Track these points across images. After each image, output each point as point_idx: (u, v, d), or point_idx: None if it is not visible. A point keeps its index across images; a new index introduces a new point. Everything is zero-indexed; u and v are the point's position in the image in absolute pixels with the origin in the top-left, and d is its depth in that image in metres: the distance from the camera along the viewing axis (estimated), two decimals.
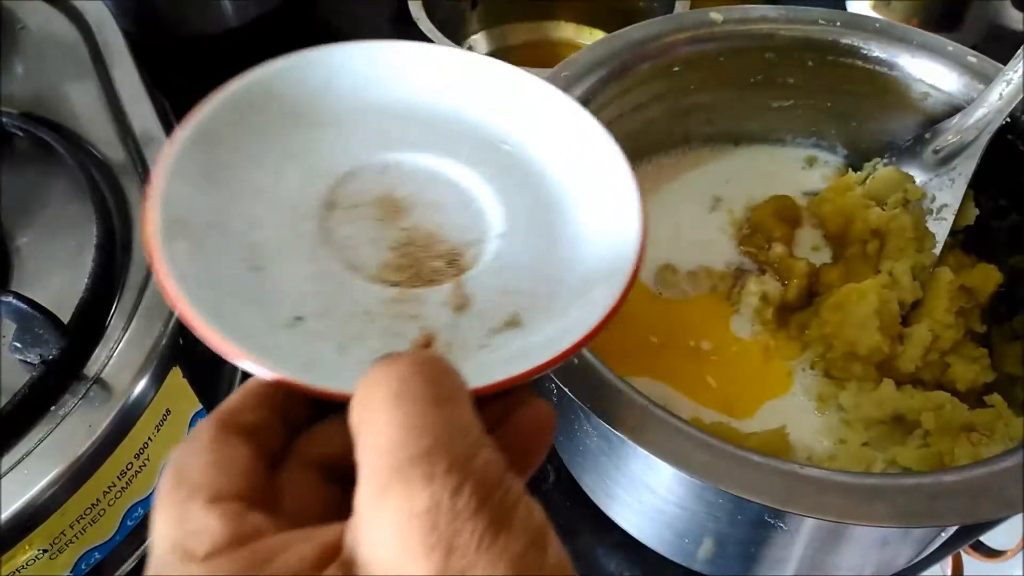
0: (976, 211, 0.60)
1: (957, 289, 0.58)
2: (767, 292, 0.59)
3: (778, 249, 0.62)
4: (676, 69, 0.61)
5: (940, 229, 0.60)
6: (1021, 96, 0.56)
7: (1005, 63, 0.57)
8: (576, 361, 0.44)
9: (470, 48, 0.88)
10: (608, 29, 0.62)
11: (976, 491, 0.41)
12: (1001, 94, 0.56)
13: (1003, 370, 0.58)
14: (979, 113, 0.57)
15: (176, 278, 0.30)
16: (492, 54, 0.89)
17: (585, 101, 0.56)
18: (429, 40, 0.75)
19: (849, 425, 0.55)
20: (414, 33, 0.76)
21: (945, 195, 0.60)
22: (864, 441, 0.54)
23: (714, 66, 0.62)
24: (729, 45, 0.62)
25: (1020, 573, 1.03)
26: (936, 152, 0.60)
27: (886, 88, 0.63)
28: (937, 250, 0.60)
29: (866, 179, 0.63)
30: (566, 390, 0.43)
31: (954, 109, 0.60)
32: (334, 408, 0.29)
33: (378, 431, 0.25)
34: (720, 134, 0.68)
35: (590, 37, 0.89)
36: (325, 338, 0.31)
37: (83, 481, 0.49)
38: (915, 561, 0.61)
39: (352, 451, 0.26)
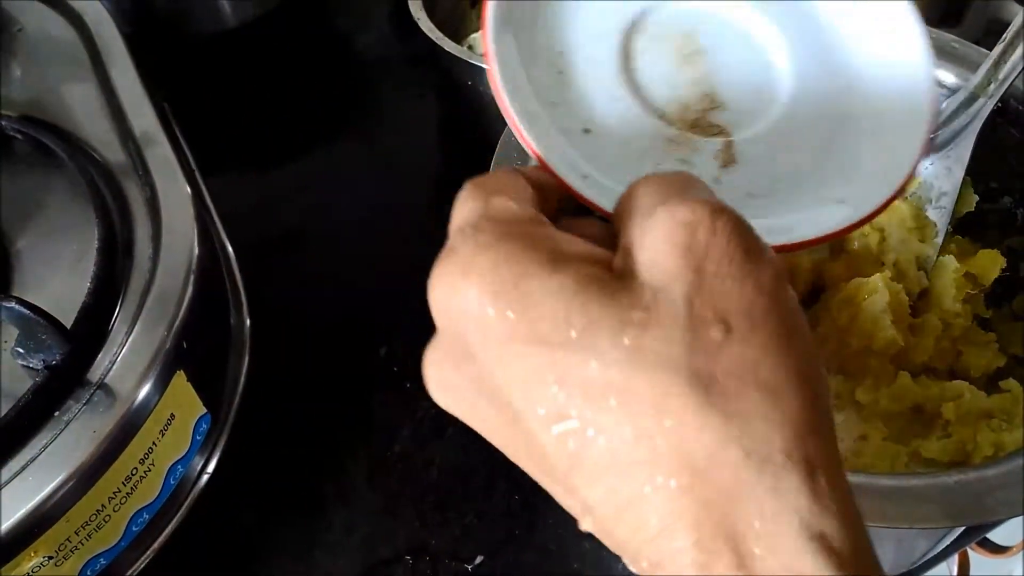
0: (976, 197, 0.60)
1: (963, 276, 0.58)
2: None
3: None
4: None
5: (940, 217, 0.60)
6: (1011, 80, 0.56)
7: None
8: None
9: (470, 48, 0.88)
10: None
11: (1017, 480, 0.41)
12: (990, 80, 0.56)
13: (1008, 352, 0.58)
14: (969, 99, 0.57)
15: (500, 68, 0.33)
16: None
17: None
18: (429, 40, 0.74)
19: (868, 421, 0.55)
20: (416, 33, 0.76)
21: (942, 183, 0.59)
22: (885, 436, 0.54)
23: None
24: None
25: (1021, 571, 1.03)
26: (930, 140, 0.59)
27: None
28: (939, 239, 0.59)
29: None
30: None
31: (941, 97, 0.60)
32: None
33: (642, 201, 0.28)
34: None
35: None
36: (603, 157, 0.34)
37: (87, 487, 0.49)
38: (926, 558, 0.61)
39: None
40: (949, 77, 0.60)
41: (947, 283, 0.58)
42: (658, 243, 0.26)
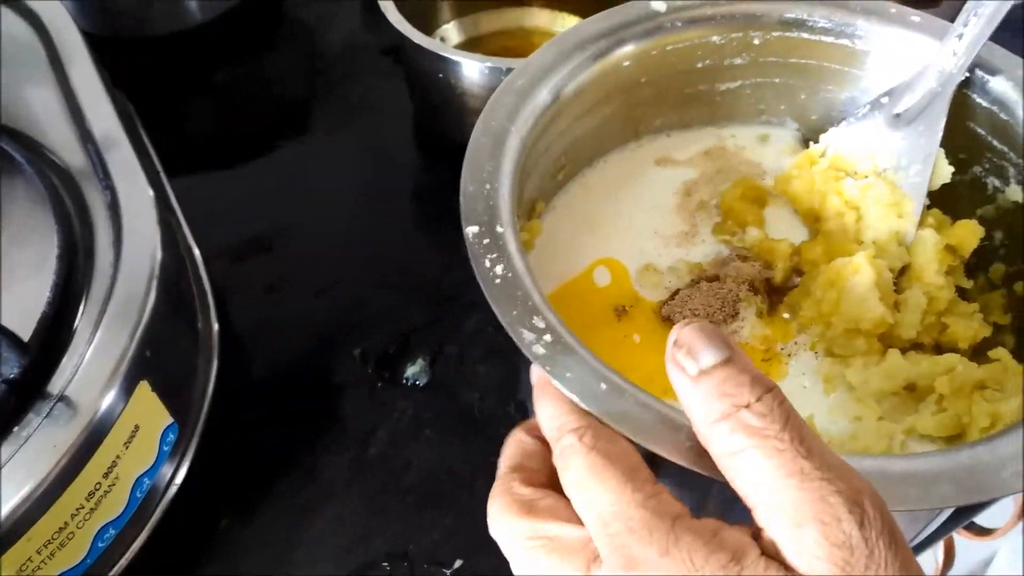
0: (951, 168, 0.59)
1: (943, 249, 0.58)
2: (752, 280, 0.57)
3: (754, 233, 0.61)
4: (626, 64, 0.61)
5: (916, 192, 0.59)
6: (976, 49, 0.56)
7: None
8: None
9: (442, 39, 0.87)
10: (582, 14, 0.60)
11: None
12: (955, 51, 0.56)
13: (989, 321, 0.58)
14: (936, 70, 0.57)
15: None
16: (464, 44, 0.87)
17: (539, 112, 0.56)
18: (397, 32, 0.73)
19: (861, 401, 0.54)
20: (384, 26, 0.74)
21: (916, 156, 0.59)
22: (879, 415, 0.53)
23: (662, 56, 0.62)
24: (674, 33, 0.61)
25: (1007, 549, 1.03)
26: (898, 115, 0.59)
27: (834, 58, 0.62)
28: (917, 213, 0.59)
29: (824, 152, 0.63)
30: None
31: (903, 70, 0.60)
32: None
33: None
34: (671, 123, 0.67)
35: (564, 23, 0.87)
36: None
37: (49, 504, 0.47)
38: (912, 545, 0.60)
39: None
40: (914, 50, 0.60)
41: (929, 257, 0.57)
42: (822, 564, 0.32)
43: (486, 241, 0.47)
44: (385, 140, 0.87)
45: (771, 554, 0.33)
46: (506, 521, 0.41)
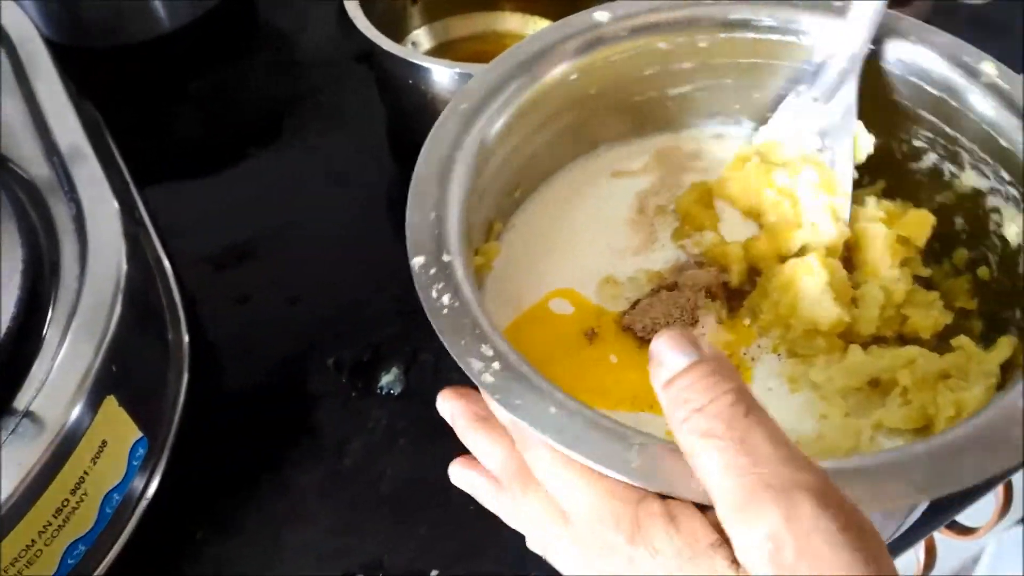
0: (871, 137, 0.60)
1: (895, 242, 0.58)
2: (710, 286, 0.57)
3: (709, 237, 0.61)
4: (573, 78, 0.60)
5: (844, 168, 0.60)
6: (874, 26, 0.57)
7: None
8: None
9: (413, 44, 0.86)
10: (552, 17, 0.60)
11: (987, 443, 0.41)
12: (855, 30, 0.57)
13: (954, 307, 0.58)
14: (844, 50, 0.58)
15: None
16: (436, 50, 0.87)
17: (486, 134, 0.56)
18: (368, 39, 0.72)
19: (827, 400, 0.54)
20: (356, 34, 0.74)
21: (838, 135, 0.60)
22: (846, 412, 0.54)
23: (608, 67, 0.61)
24: (619, 43, 0.61)
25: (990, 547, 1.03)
26: (815, 99, 0.60)
27: (783, 55, 0.62)
28: (847, 187, 0.60)
29: (753, 151, 0.63)
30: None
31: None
32: None
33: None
34: (625, 132, 0.66)
35: (535, 27, 0.87)
36: None
37: (16, 522, 0.47)
38: (889, 541, 0.60)
39: None
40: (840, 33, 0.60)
41: (880, 251, 0.58)
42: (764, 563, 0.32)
43: (432, 271, 0.47)
44: (360, 147, 0.86)
45: (724, 543, 0.35)
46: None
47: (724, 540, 0.35)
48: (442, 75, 0.71)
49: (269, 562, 0.60)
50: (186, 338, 0.64)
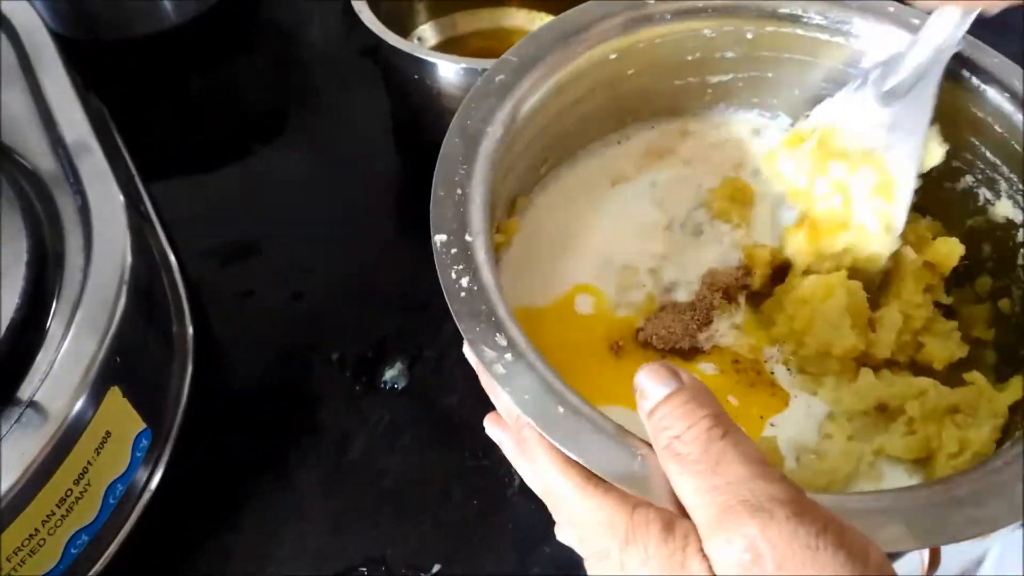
0: (943, 147, 0.57)
1: (921, 267, 0.57)
2: (728, 287, 0.57)
3: (738, 236, 0.60)
4: (613, 57, 0.59)
5: (906, 175, 0.57)
6: (970, 20, 0.53)
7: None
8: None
9: (419, 40, 0.86)
10: (558, 13, 0.60)
11: (987, 497, 0.40)
12: (946, 20, 0.53)
13: (971, 335, 0.57)
14: (928, 41, 0.54)
15: None
16: (441, 46, 0.87)
17: (519, 109, 0.54)
18: (374, 34, 0.72)
19: (833, 420, 0.54)
20: (362, 27, 0.74)
21: (906, 136, 0.57)
22: (849, 435, 0.53)
23: (650, 48, 0.60)
24: (663, 25, 0.60)
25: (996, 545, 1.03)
26: (889, 91, 0.57)
27: (829, 55, 0.61)
28: (907, 197, 0.57)
29: (813, 130, 0.61)
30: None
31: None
32: None
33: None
34: (658, 116, 0.66)
35: (542, 23, 0.86)
36: None
37: (20, 510, 0.47)
38: None
39: None
40: (896, 43, 0.58)
41: (906, 275, 0.56)
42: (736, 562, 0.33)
43: (454, 251, 0.46)
44: (364, 142, 0.86)
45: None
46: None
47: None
48: (448, 70, 0.71)
49: (271, 556, 0.60)
50: (190, 331, 0.64)
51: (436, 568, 0.60)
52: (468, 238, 0.47)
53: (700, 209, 0.62)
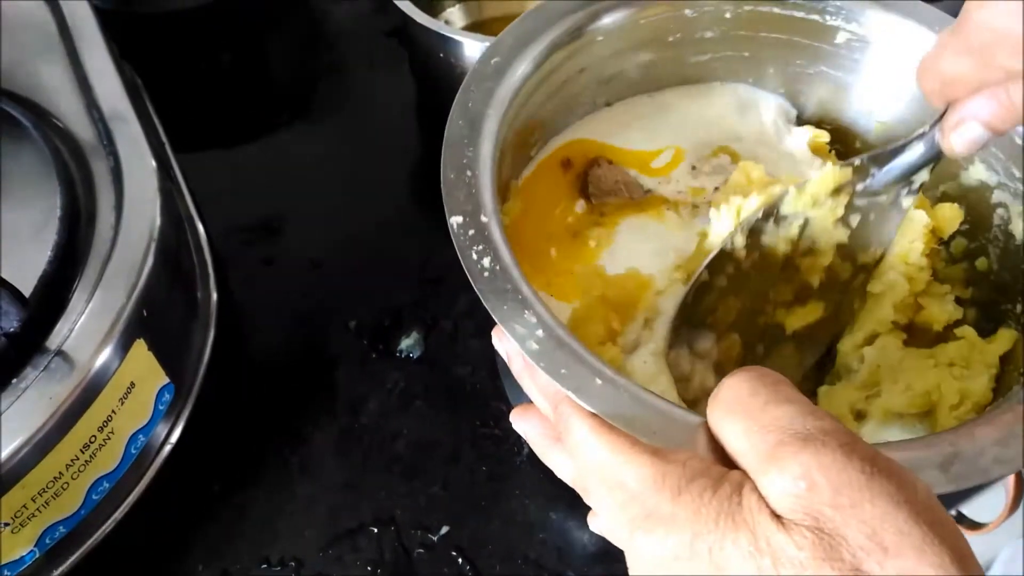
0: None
1: (929, 231, 0.58)
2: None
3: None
4: (599, 39, 0.61)
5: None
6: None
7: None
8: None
9: (447, 22, 0.88)
10: None
11: (1006, 438, 0.42)
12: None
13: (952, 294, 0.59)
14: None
15: None
16: (468, 28, 0.89)
17: (517, 90, 0.56)
18: (402, 12, 0.74)
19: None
20: (390, 7, 0.75)
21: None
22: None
23: (633, 30, 0.62)
24: (648, 6, 0.61)
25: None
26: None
27: (804, 32, 0.62)
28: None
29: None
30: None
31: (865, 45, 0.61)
32: None
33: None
34: (641, 90, 0.67)
35: None
36: None
37: (44, 453, 0.49)
38: None
39: None
40: (885, 29, 0.60)
41: (915, 236, 0.57)
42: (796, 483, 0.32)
43: (471, 232, 0.47)
44: (387, 120, 0.88)
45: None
46: None
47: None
48: (474, 49, 0.72)
49: (283, 512, 0.62)
50: (214, 296, 0.66)
51: (444, 530, 0.62)
52: (483, 219, 0.48)
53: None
